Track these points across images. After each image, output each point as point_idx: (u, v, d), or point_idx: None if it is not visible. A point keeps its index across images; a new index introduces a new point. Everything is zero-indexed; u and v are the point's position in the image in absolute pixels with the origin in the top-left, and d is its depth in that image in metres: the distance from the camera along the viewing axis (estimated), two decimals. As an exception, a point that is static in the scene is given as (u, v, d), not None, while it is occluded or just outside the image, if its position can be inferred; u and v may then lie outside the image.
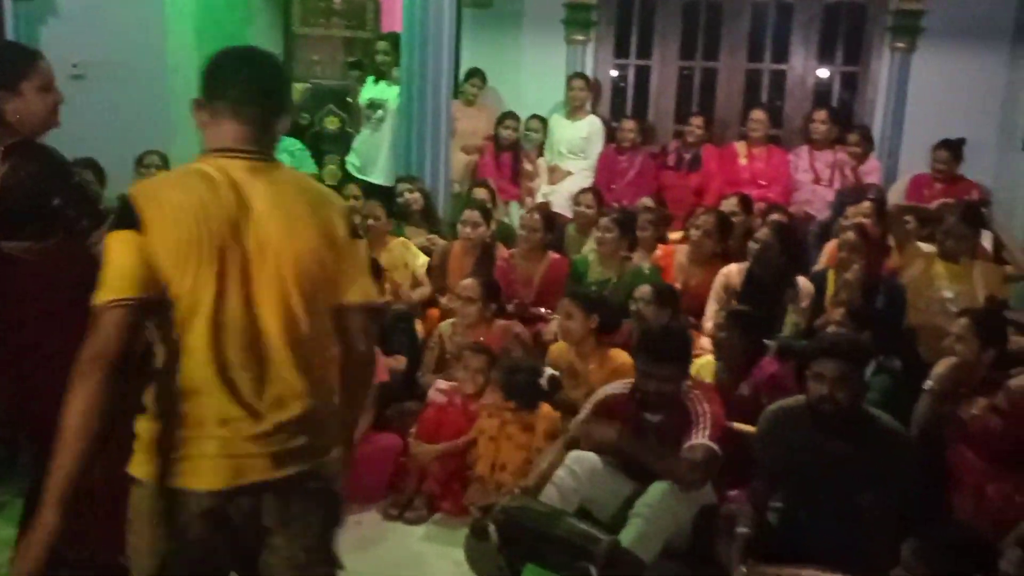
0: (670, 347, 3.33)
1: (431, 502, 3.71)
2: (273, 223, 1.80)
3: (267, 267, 1.80)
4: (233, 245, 1.77)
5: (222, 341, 1.77)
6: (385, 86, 6.28)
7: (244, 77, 1.87)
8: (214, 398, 1.78)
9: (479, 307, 4.27)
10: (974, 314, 3.57)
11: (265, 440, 1.81)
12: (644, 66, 7.15)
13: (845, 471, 2.90)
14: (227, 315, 1.77)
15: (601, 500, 3.33)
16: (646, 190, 6.15)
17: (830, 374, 2.95)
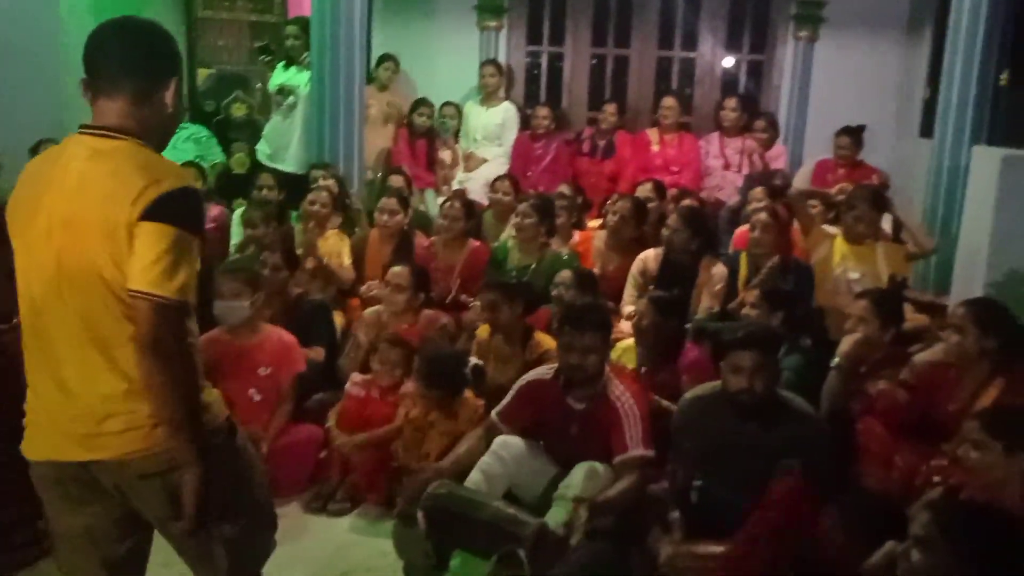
0: (590, 317, 3.35)
1: (354, 493, 3.66)
2: (79, 201, 1.79)
3: (70, 243, 1.80)
4: (41, 225, 1.82)
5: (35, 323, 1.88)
6: (295, 71, 6.14)
7: (112, 51, 1.84)
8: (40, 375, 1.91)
9: (408, 296, 4.22)
10: (873, 295, 3.71)
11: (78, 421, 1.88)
12: (557, 53, 7.18)
13: (761, 453, 2.98)
14: (37, 293, 1.86)
15: (527, 484, 3.34)
16: (561, 176, 6.18)
17: (747, 365, 3.04)
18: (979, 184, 4.97)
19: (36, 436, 1.95)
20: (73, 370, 1.87)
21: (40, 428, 1.94)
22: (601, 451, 3.23)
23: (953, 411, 3.17)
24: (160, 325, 1.77)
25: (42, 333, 1.89)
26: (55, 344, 1.88)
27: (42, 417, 1.94)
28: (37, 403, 1.94)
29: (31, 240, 1.85)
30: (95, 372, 1.86)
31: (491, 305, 4.02)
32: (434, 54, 6.86)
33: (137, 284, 1.77)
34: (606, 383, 3.31)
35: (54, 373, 1.89)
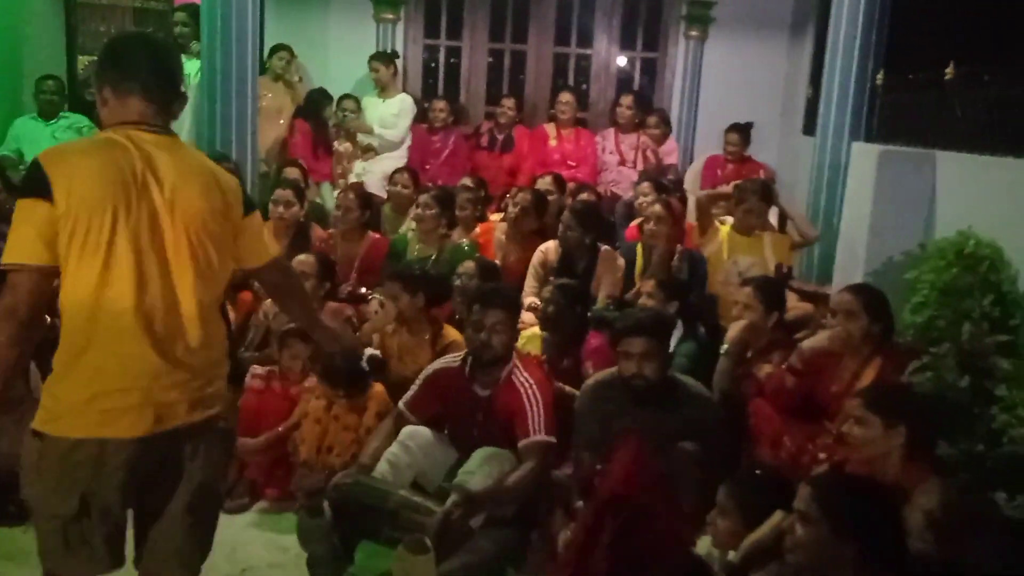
0: (499, 296, 3.39)
1: (253, 489, 3.58)
2: (182, 189, 2.02)
3: (176, 229, 2.02)
4: (142, 206, 1.98)
5: (141, 298, 1.99)
6: (185, 60, 5.90)
7: (154, 61, 2.09)
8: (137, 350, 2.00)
9: (314, 284, 4.17)
10: (756, 282, 3.87)
11: (183, 387, 2.06)
12: (455, 47, 7.18)
13: (658, 436, 3.07)
14: (145, 274, 1.99)
15: (433, 472, 3.34)
16: (460, 170, 6.20)
17: (637, 351, 3.14)
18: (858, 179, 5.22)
19: (125, 414, 2.00)
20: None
21: (129, 405, 2.00)
22: (505, 437, 3.26)
23: (836, 392, 3.33)
24: None
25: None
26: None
27: (132, 394, 2.01)
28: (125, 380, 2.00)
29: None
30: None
31: (393, 296, 3.99)
32: (329, 45, 6.78)
33: (259, 260, 2.33)
34: (511, 370, 3.34)
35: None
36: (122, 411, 1.99)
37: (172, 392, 2.04)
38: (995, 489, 2.73)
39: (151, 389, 2.01)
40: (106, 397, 1.98)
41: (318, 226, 5.12)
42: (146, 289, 1.99)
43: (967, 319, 3.34)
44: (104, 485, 2.01)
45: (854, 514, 2.06)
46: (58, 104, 6.19)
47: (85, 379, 1.98)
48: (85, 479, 1.99)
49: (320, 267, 4.19)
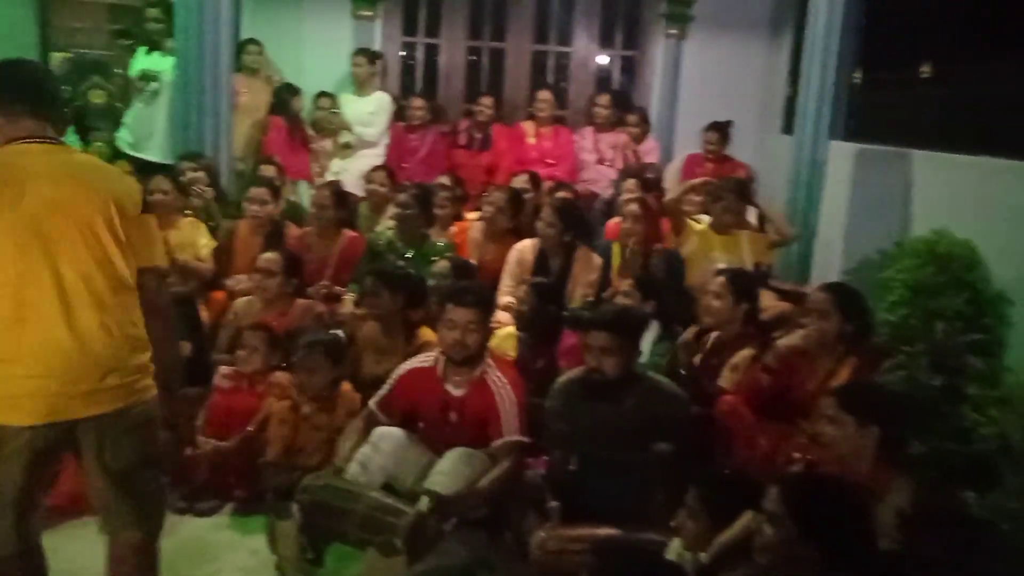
0: (472, 294, 3.37)
1: (223, 491, 3.54)
2: (67, 186, 2.22)
3: (65, 222, 2.19)
4: (22, 206, 2.15)
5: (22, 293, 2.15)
6: (159, 57, 5.87)
7: (40, 84, 2.34)
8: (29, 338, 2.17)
9: (279, 281, 4.13)
10: (728, 273, 3.88)
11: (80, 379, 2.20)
12: (433, 44, 7.15)
13: (625, 432, 3.06)
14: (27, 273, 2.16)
15: (404, 473, 3.30)
16: (437, 168, 6.15)
17: (597, 345, 3.12)
18: (835, 177, 5.24)
19: (32, 401, 2.17)
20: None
21: (39, 393, 2.17)
22: (478, 438, 3.24)
23: (811, 391, 3.32)
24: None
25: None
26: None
27: (42, 382, 2.17)
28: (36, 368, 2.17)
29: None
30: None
31: (372, 293, 3.95)
32: (305, 42, 6.70)
33: (147, 262, 2.44)
34: (485, 369, 3.32)
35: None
36: (18, 399, 2.17)
37: (68, 384, 2.19)
38: (965, 488, 2.73)
39: (47, 378, 2.18)
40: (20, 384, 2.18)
41: (293, 224, 5.07)
42: (31, 280, 2.17)
43: (940, 318, 3.35)
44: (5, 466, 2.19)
45: (821, 514, 2.05)
46: (30, 101, 6.10)
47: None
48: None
49: (285, 263, 4.16)
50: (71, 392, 2.19)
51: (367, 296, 4.01)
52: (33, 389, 2.17)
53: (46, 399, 2.17)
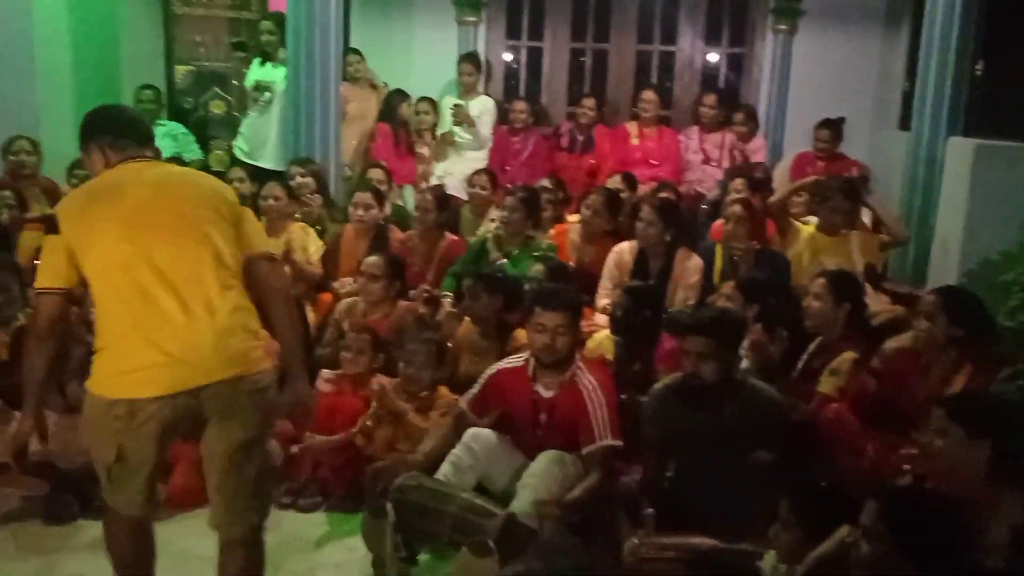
0: (560, 297, 3.35)
1: (325, 488, 3.64)
2: (168, 190, 2.49)
3: (164, 221, 2.42)
4: (152, 214, 2.42)
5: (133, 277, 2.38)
6: (271, 68, 6.11)
7: (136, 121, 2.67)
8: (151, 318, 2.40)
9: (383, 285, 4.22)
10: (828, 273, 3.74)
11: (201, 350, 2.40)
12: (536, 48, 7.17)
13: (723, 439, 2.98)
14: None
15: (497, 475, 3.33)
16: (540, 171, 6.17)
17: (695, 350, 3.05)
18: (953, 175, 4.98)
19: (158, 373, 2.36)
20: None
21: (163, 365, 2.35)
22: (569, 440, 3.23)
23: (922, 399, 3.16)
24: None
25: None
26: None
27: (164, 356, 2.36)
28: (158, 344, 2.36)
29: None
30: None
31: (472, 294, 3.99)
32: (412, 49, 6.84)
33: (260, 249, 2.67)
34: (575, 371, 3.31)
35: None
36: (146, 372, 2.36)
37: (188, 355, 2.37)
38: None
39: (168, 352, 2.36)
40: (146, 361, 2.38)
41: (397, 228, 5.18)
42: (137, 265, 2.37)
43: (1065, 324, 3.14)
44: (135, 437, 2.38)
45: (920, 532, 1.95)
46: (156, 112, 6.45)
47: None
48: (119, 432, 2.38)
49: (388, 267, 4.25)
50: (191, 361, 2.37)
51: (467, 298, 4.05)
52: (158, 362, 2.35)
53: (169, 370, 2.35)
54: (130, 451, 2.40)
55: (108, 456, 2.41)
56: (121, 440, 2.38)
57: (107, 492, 2.49)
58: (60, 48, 6.25)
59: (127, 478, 2.44)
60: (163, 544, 2.68)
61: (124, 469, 2.42)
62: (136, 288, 2.36)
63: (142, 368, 2.35)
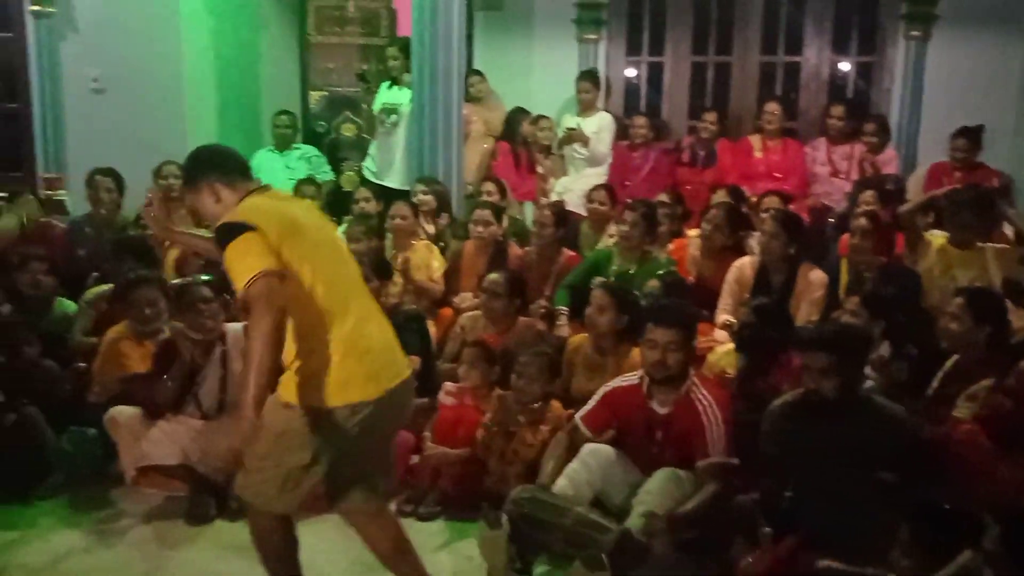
0: (673, 313, 3.35)
1: (444, 498, 3.73)
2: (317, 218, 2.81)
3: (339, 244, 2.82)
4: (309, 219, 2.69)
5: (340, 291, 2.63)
6: (398, 91, 6.34)
7: (236, 156, 2.82)
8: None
9: (504, 302, 4.29)
10: (968, 292, 3.55)
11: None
12: (657, 63, 7.15)
13: (845, 459, 2.90)
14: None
15: (613, 491, 3.34)
16: (660, 187, 6.13)
17: (815, 366, 2.99)
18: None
19: (375, 377, 2.59)
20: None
21: (375, 369, 2.60)
22: (684, 457, 3.21)
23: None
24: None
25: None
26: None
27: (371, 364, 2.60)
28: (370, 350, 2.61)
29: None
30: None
31: (598, 308, 3.98)
32: (533, 68, 6.94)
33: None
34: (690, 388, 3.29)
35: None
36: (368, 376, 2.59)
37: (386, 358, 2.67)
38: None
39: (374, 360, 2.62)
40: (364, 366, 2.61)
41: (515, 244, 5.27)
42: (343, 280, 2.67)
43: None
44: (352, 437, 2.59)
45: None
46: (291, 137, 6.78)
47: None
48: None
49: (509, 285, 4.31)
50: (389, 364, 2.66)
51: (592, 308, 4.04)
52: (376, 369, 2.60)
53: (378, 373, 2.59)
54: (326, 454, 2.58)
55: (303, 460, 2.56)
56: (318, 444, 2.56)
57: (282, 494, 2.59)
58: (206, 79, 6.70)
59: (305, 481, 2.59)
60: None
61: (307, 472, 2.58)
62: (344, 302, 2.59)
63: (367, 372, 2.58)
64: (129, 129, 6.23)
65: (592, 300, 4.06)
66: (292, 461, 2.56)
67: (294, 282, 2.49)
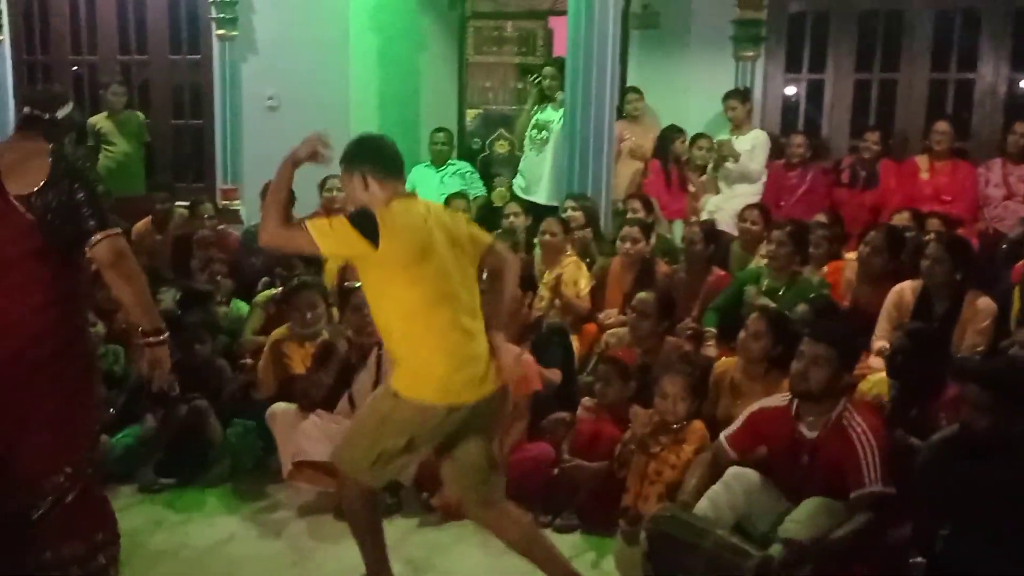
0: (829, 329, 3.25)
1: (581, 511, 3.75)
2: (448, 228, 2.88)
3: (457, 258, 2.84)
4: (439, 239, 2.81)
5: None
6: (551, 109, 6.45)
7: (397, 155, 2.97)
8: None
9: (653, 322, 4.28)
10: None
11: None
12: (817, 80, 6.95)
13: (1005, 499, 2.72)
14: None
15: (757, 517, 3.25)
16: (817, 207, 5.94)
17: (969, 398, 2.84)
18: None
19: (467, 387, 2.82)
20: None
21: (465, 381, 2.82)
22: (831, 485, 3.09)
23: None
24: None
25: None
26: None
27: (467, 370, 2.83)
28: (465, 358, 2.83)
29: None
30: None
31: (754, 335, 3.88)
32: (688, 86, 6.88)
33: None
34: (843, 413, 3.17)
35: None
36: (462, 385, 2.82)
37: (476, 371, 2.83)
38: None
39: (464, 371, 2.81)
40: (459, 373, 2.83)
41: (663, 262, 5.24)
42: (451, 295, 2.83)
43: None
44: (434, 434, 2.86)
45: None
46: (447, 153, 7.00)
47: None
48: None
49: (659, 305, 4.28)
50: (477, 378, 2.83)
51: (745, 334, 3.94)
52: (467, 379, 2.81)
53: (470, 384, 2.81)
54: (419, 443, 2.86)
55: (397, 444, 2.84)
56: (414, 434, 2.83)
57: (372, 468, 2.89)
58: (370, 97, 7.05)
59: (394, 463, 2.90)
60: (430, 549, 3.13)
61: (398, 456, 2.87)
62: (446, 315, 2.81)
63: (462, 381, 2.82)
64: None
65: (748, 325, 3.94)
66: (388, 444, 2.84)
67: (408, 293, 2.77)
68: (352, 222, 2.73)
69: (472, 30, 7.61)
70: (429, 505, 3.86)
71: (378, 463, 2.88)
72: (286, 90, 6.95)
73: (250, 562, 3.50)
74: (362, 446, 2.90)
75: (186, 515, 3.88)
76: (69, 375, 2.76)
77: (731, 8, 6.71)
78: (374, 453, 2.86)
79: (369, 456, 2.87)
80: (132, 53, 7.56)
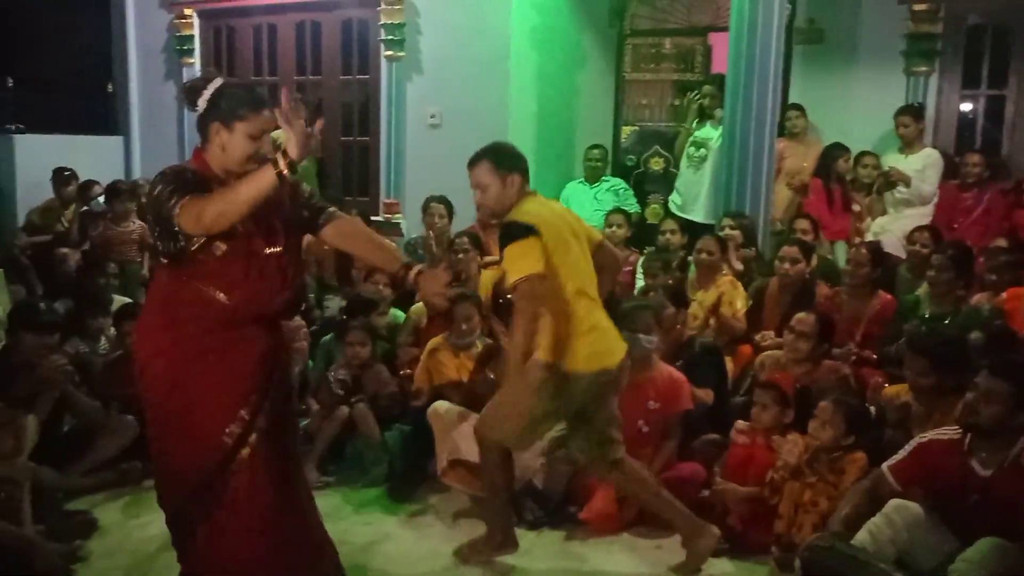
0: (1011, 364, 3.07)
1: (732, 535, 3.67)
2: (572, 221, 3.37)
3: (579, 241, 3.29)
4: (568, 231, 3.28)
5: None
6: (709, 127, 6.38)
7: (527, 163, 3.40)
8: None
9: (811, 344, 4.17)
10: None
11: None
12: (997, 96, 6.55)
13: None
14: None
15: (920, 553, 3.11)
16: (994, 230, 5.61)
17: None
18: None
19: (612, 349, 3.30)
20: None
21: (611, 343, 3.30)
22: (1007, 527, 2.91)
23: None
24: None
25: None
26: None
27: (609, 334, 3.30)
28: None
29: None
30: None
31: (921, 372, 3.68)
32: (852, 102, 6.63)
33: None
34: (1022, 451, 2.98)
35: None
36: (608, 350, 3.27)
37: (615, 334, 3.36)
38: None
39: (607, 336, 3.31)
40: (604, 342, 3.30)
41: (823, 283, 5.07)
42: (585, 273, 3.30)
43: None
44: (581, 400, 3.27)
45: None
46: (601, 169, 7.04)
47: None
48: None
49: (819, 327, 4.16)
50: (616, 340, 3.32)
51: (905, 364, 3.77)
52: (609, 345, 3.28)
53: (610, 348, 3.28)
54: (565, 408, 3.29)
55: (545, 410, 3.25)
56: (563, 401, 3.23)
57: (517, 433, 3.31)
58: (528, 115, 7.18)
59: (542, 427, 3.39)
60: (579, 561, 3.17)
61: (547, 421, 3.35)
62: (583, 291, 3.24)
63: (607, 348, 3.26)
64: (459, 161, 6.72)
65: (908, 364, 3.73)
66: (539, 410, 3.22)
67: (554, 280, 3.12)
68: (521, 234, 3.11)
69: (630, 48, 7.62)
70: (577, 519, 3.88)
71: (527, 429, 3.30)
72: (447, 108, 7.19)
73: (406, 561, 3.62)
74: (514, 414, 3.25)
75: (345, 512, 4.06)
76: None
77: (903, 23, 6.44)
78: (526, 422, 3.25)
79: (521, 425, 3.26)
80: (307, 74, 8.03)
